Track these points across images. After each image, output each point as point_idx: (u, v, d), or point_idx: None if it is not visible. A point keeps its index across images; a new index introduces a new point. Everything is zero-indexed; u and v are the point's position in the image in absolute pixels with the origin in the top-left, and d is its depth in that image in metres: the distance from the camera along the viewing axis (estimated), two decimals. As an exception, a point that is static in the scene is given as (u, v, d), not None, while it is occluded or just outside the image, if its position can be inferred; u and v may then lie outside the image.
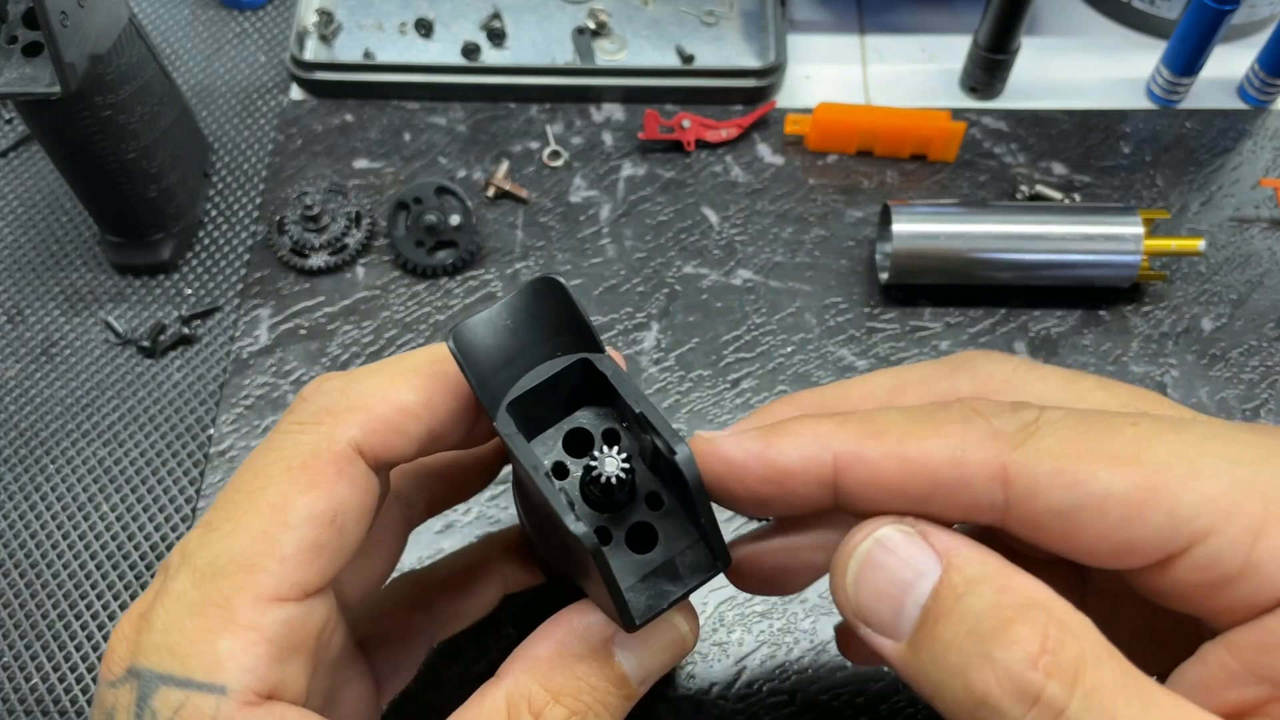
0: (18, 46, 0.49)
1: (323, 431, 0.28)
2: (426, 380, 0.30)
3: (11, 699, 0.48)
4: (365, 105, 0.67)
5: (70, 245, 0.63)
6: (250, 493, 0.28)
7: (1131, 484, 0.23)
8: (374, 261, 0.60)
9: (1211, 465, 0.23)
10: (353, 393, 0.29)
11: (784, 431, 0.27)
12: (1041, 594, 0.23)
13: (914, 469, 0.25)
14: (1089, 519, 0.24)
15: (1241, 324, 0.58)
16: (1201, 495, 0.23)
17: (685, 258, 0.61)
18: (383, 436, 0.29)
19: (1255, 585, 0.23)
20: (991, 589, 0.23)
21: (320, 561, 0.28)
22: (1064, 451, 0.24)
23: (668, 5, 0.70)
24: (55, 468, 0.55)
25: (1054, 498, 0.24)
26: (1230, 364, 0.56)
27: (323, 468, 0.28)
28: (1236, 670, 0.24)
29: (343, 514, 0.28)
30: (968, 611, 0.23)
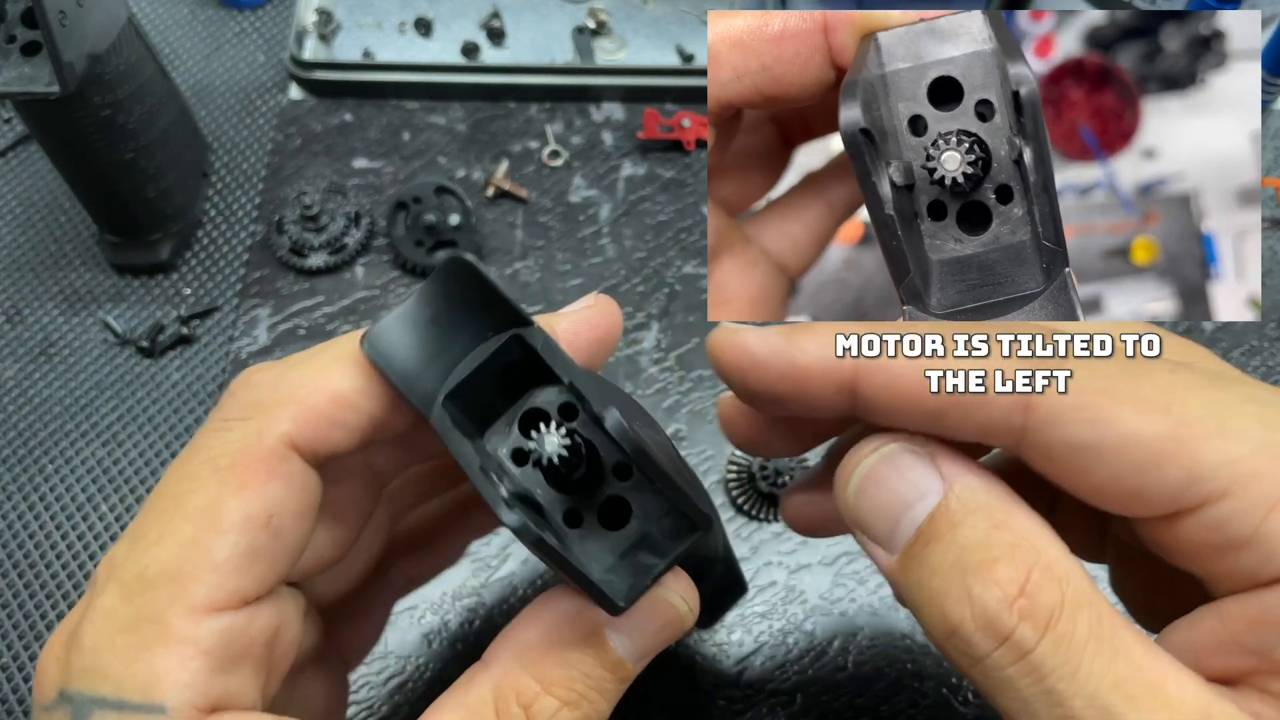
0: (16, 46, 0.49)
1: (252, 427, 0.26)
2: (364, 365, 0.27)
3: (11, 699, 0.48)
4: (364, 105, 0.67)
5: (69, 245, 0.63)
6: (177, 497, 0.26)
7: (1156, 431, 0.23)
8: (373, 261, 0.60)
9: (1242, 427, 0.23)
10: (283, 384, 0.27)
11: (809, 331, 0.27)
12: (1037, 535, 0.23)
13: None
14: (1105, 459, 0.23)
15: (1242, 324, 0.58)
16: (1225, 455, 0.22)
17: (685, 258, 0.61)
18: (318, 429, 0.27)
19: (1260, 556, 0.22)
20: (987, 522, 0.23)
21: (258, 567, 0.26)
22: (1092, 386, 0.24)
23: (668, 5, 0.70)
24: (54, 468, 0.54)
25: (1074, 431, 0.23)
26: (1231, 364, 0.56)
27: (254, 466, 0.26)
28: (1225, 639, 0.23)
29: (279, 515, 0.26)
30: (958, 541, 0.23)
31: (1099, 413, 0.23)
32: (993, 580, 0.22)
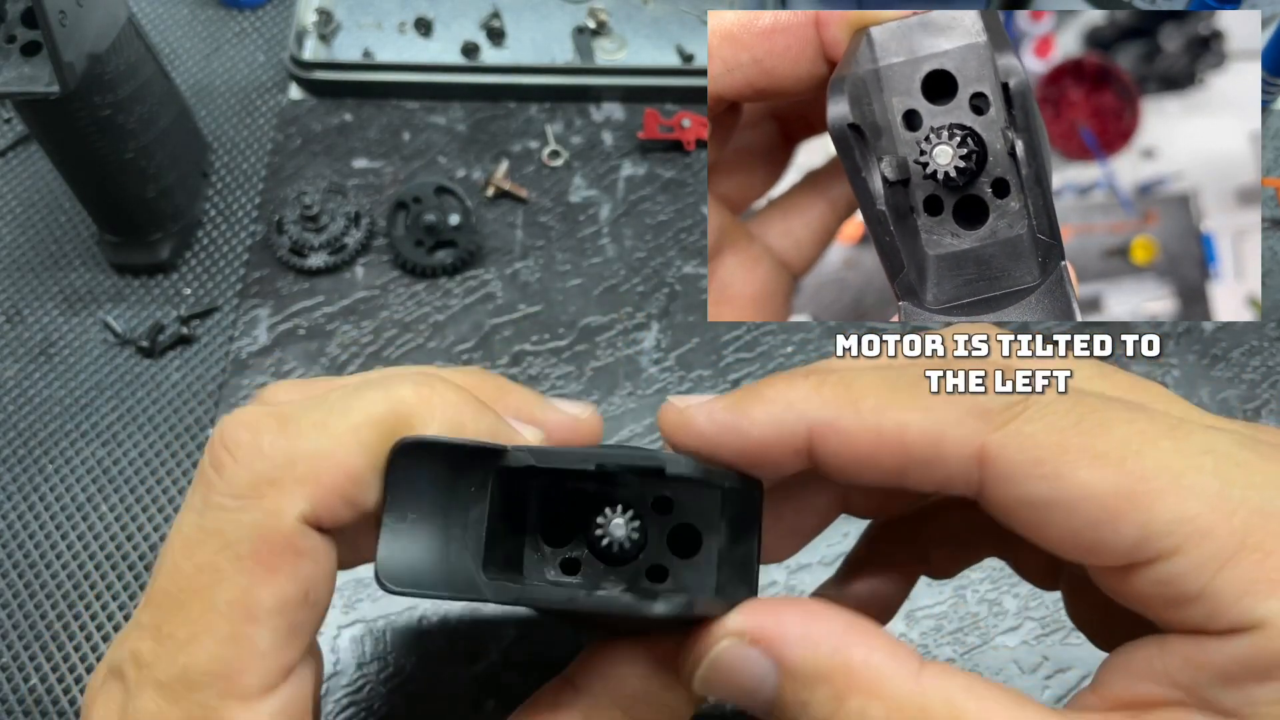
0: (16, 46, 0.49)
1: (265, 508, 0.25)
2: (382, 441, 0.26)
3: (10, 699, 0.48)
4: (364, 104, 0.67)
5: (69, 245, 0.63)
6: (199, 590, 0.25)
7: (1111, 488, 0.23)
8: (373, 261, 0.60)
9: (1198, 483, 0.23)
10: (298, 458, 0.25)
11: (757, 398, 0.26)
12: (881, 674, 0.24)
13: (889, 442, 0.25)
14: (1061, 515, 0.23)
15: (1242, 324, 0.58)
16: (1179, 512, 0.22)
17: (685, 258, 0.61)
18: (330, 508, 0.26)
19: (1209, 611, 0.22)
20: (829, 693, 0.24)
21: (300, 638, 0.26)
22: (1048, 441, 0.24)
23: (668, 5, 0.70)
24: (54, 468, 0.54)
25: (1029, 488, 0.24)
26: (1231, 364, 0.56)
27: (279, 551, 0.25)
28: (1159, 668, 0.24)
29: (313, 589, 0.26)
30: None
31: (1054, 468, 0.23)
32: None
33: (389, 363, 0.57)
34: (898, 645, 0.24)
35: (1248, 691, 0.22)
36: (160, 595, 0.25)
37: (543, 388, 0.56)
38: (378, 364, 0.57)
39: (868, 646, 0.24)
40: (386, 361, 0.57)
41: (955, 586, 0.49)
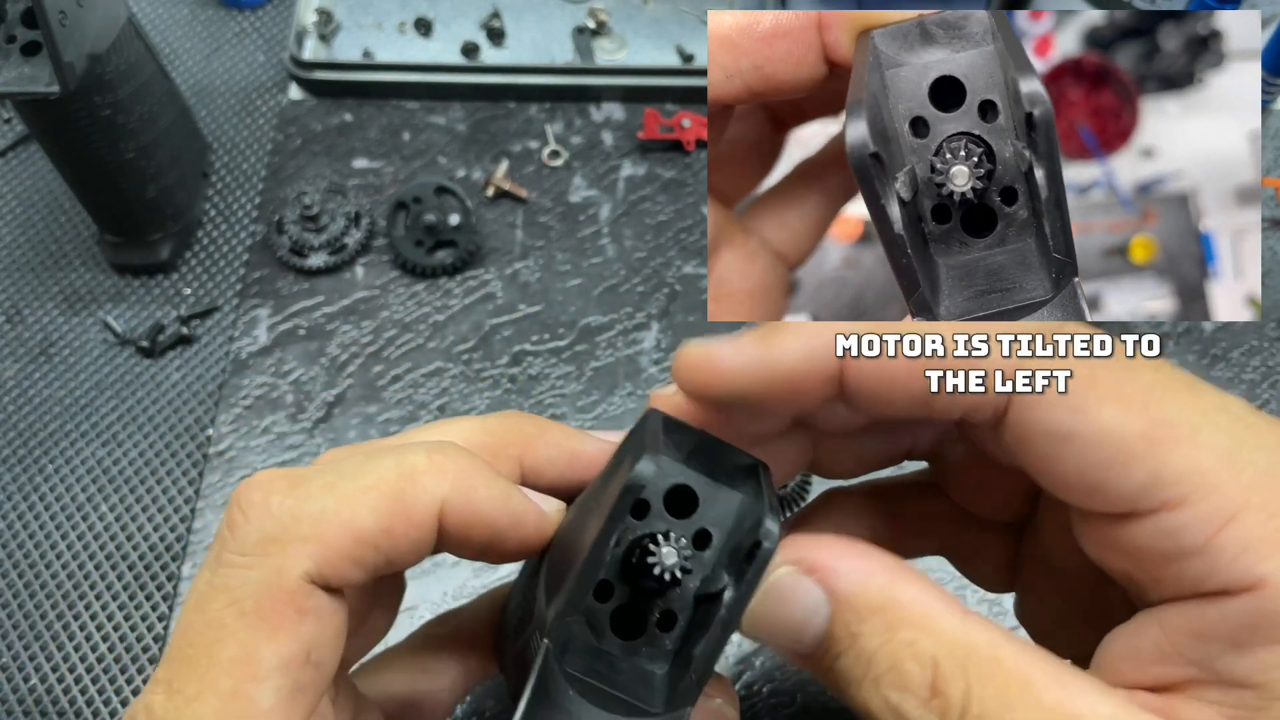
0: (16, 46, 0.49)
1: (270, 565, 0.25)
2: (389, 503, 0.26)
3: (11, 699, 0.48)
4: (364, 105, 0.67)
5: (69, 245, 0.63)
6: (207, 646, 0.25)
7: (1131, 429, 0.23)
8: (373, 261, 0.60)
9: (1212, 438, 0.23)
10: (304, 517, 0.26)
11: (785, 331, 0.26)
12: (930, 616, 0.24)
13: (920, 365, 0.25)
14: (1077, 449, 0.24)
15: (1242, 324, 0.58)
16: (1192, 463, 0.23)
17: (685, 258, 0.61)
18: (336, 568, 0.26)
19: (1207, 567, 0.23)
20: (882, 624, 0.24)
21: (305, 698, 0.26)
22: (1078, 374, 0.24)
23: (668, 5, 0.70)
24: (54, 468, 0.54)
25: (1053, 417, 0.24)
26: (1231, 364, 0.56)
27: (281, 609, 0.25)
28: (1167, 649, 0.24)
29: (316, 648, 0.26)
30: (862, 653, 0.24)
31: (1080, 400, 0.24)
32: (905, 684, 0.23)
33: (389, 363, 0.57)
34: (944, 591, 0.25)
35: (1257, 657, 0.22)
36: (174, 651, 0.26)
37: (542, 388, 0.56)
38: (378, 364, 0.57)
39: (918, 586, 0.24)
40: (386, 361, 0.57)
41: (955, 587, 0.49)
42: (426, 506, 0.27)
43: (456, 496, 0.27)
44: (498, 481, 0.28)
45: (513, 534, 0.28)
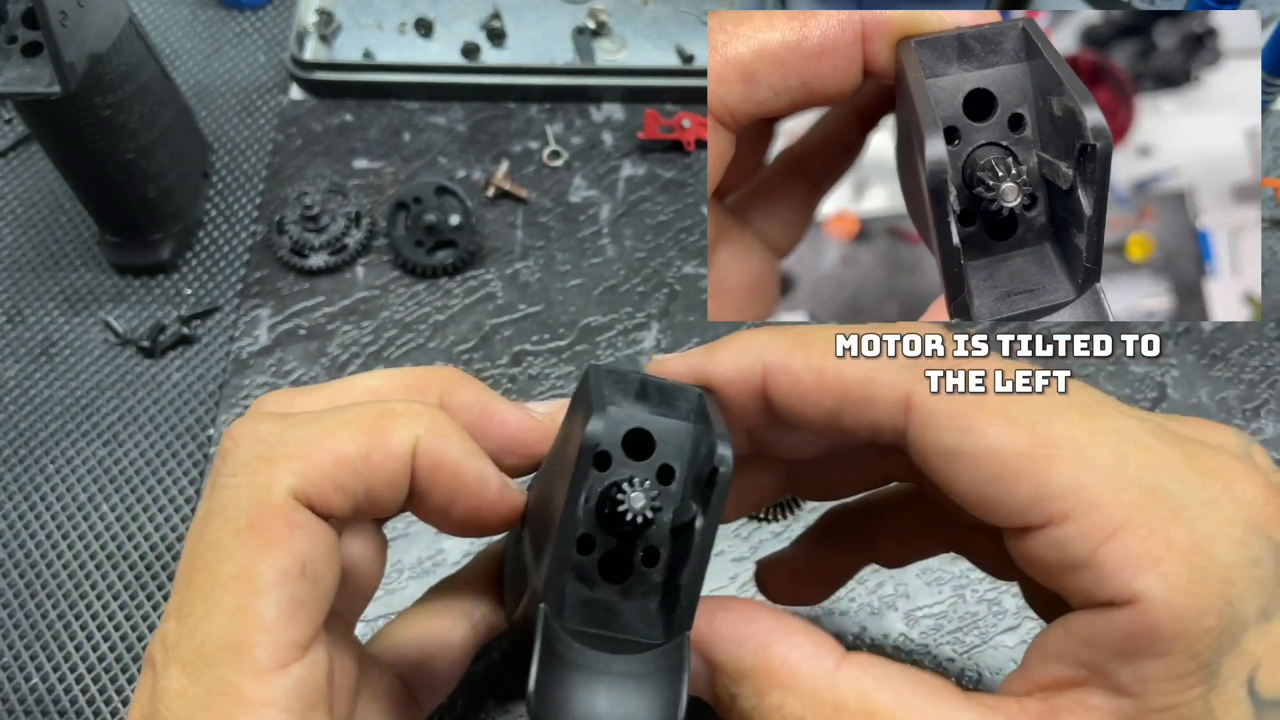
0: (17, 46, 0.49)
1: (259, 482, 0.27)
2: (369, 435, 0.28)
3: (11, 699, 0.48)
4: (365, 105, 0.67)
5: (69, 245, 0.63)
6: (209, 567, 0.26)
7: (1015, 448, 0.25)
8: (374, 261, 0.60)
9: (1096, 456, 0.24)
10: (289, 439, 0.27)
11: (724, 344, 0.29)
12: (798, 670, 0.26)
13: (830, 383, 0.27)
14: (968, 466, 0.25)
15: (1242, 324, 0.58)
16: (1073, 480, 0.24)
17: (685, 258, 0.61)
18: (319, 488, 0.27)
19: (1095, 579, 0.24)
20: (752, 689, 0.26)
21: (305, 613, 0.26)
22: (968, 396, 0.26)
23: (668, 5, 0.70)
24: (55, 468, 0.54)
25: (944, 436, 0.26)
26: (1231, 364, 0.56)
27: (271, 524, 0.26)
28: (1064, 650, 0.25)
29: (310, 562, 0.27)
30: (741, 712, 0.27)
31: (969, 421, 0.25)
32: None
33: (390, 363, 0.57)
34: (819, 642, 0.26)
35: (1137, 668, 0.24)
36: (180, 578, 0.27)
37: (543, 388, 0.56)
38: (378, 364, 0.57)
39: (789, 644, 0.26)
40: (387, 362, 0.57)
41: (955, 586, 0.49)
42: (403, 442, 0.28)
43: (430, 438, 0.29)
44: (469, 440, 0.30)
45: (478, 493, 0.29)
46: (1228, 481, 0.24)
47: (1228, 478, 0.25)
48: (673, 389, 0.28)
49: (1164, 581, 0.23)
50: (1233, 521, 0.24)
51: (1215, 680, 0.23)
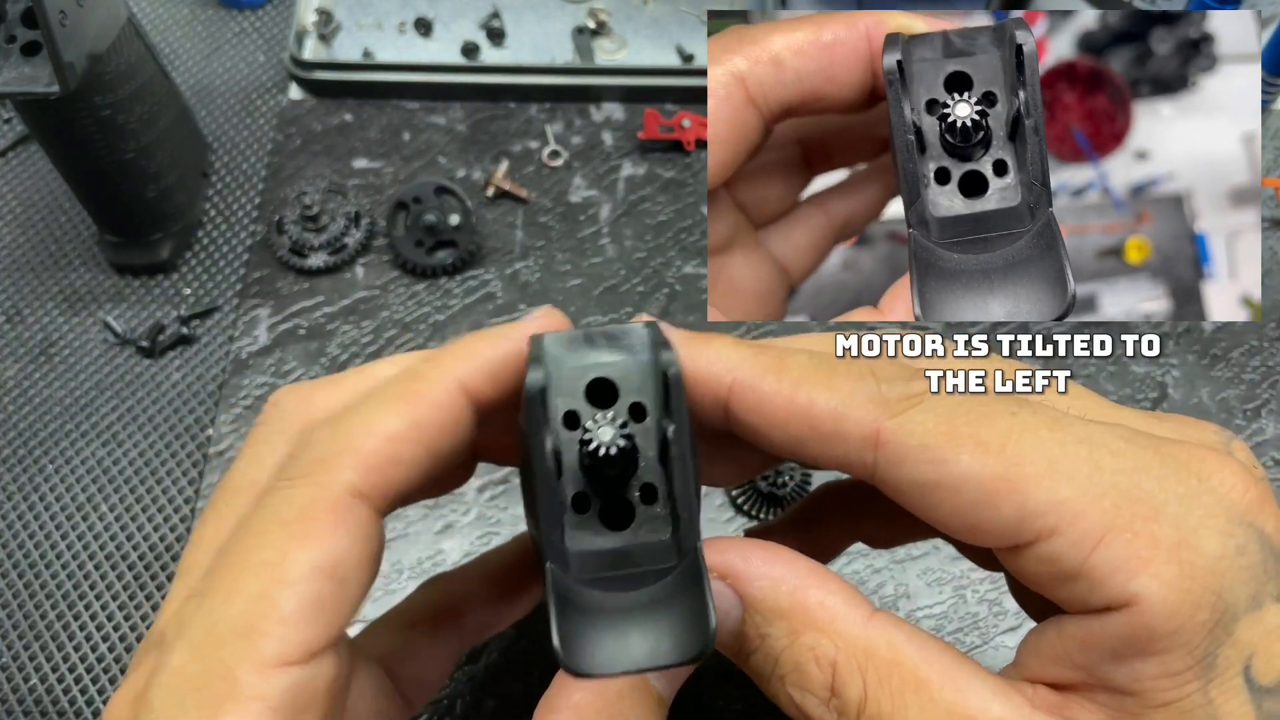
0: (16, 46, 0.49)
1: (315, 481, 0.27)
2: (409, 402, 0.28)
3: (11, 699, 0.48)
4: (364, 105, 0.67)
5: (69, 245, 0.63)
6: (243, 553, 0.26)
7: (989, 472, 0.25)
8: (373, 261, 0.60)
9: (1071, 468, 0.24)
10: (339, 435, 0.28)
11: (703, 343, 0.29)
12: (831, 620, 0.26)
13: (798, 413, 0.27)
14: (945, 496, 0.25)
15: (1242, 324, 0.58)
16: (1053, 495, 0.24)
17: (685, 258, 0.61)
18: (380, 471, 0.27)
19: (1088, 588, 0.24)
20: (786, 628, 0.26)
21: (324, 616, 0.26)
22: (935, 429, 0.26)
23: (668, 5, 0.70)
24: (54, 468, 0.55)
25: (917, 470, 0.26)
26: (1231, 364, 0.56)
27: (319, 518, 0.26)
28: (1060, 653, 0.25)
29: (344, 564, 0.27)
30: (769, 652, 0.27)
31: (940, 454, 0.25)
32: (806, 688, 0.26)
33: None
34: (853, 592, 0.27)
35: (1134, 668, 0.24)
36: (215, 565, 0.27)
37: (542, 388, 0.56)
38: (377, 364, 0.57)
39: (824, 589, 0.26)
40: (386, 361, 0.57)
41: (955, 586, 0.49)
42: (445, 390, 0.29)
43: (469, 364, 0.29)
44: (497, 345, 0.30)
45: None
46: (1203, 474, 0.25)
47: (1202, 470, 0.25)
48: (619, 332, 0.28)
49: (1156, 580, 0.23)
50: (1214, 513, 0.24)
51: (1213, 672, 0.24)
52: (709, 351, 0.29)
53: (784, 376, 0.28)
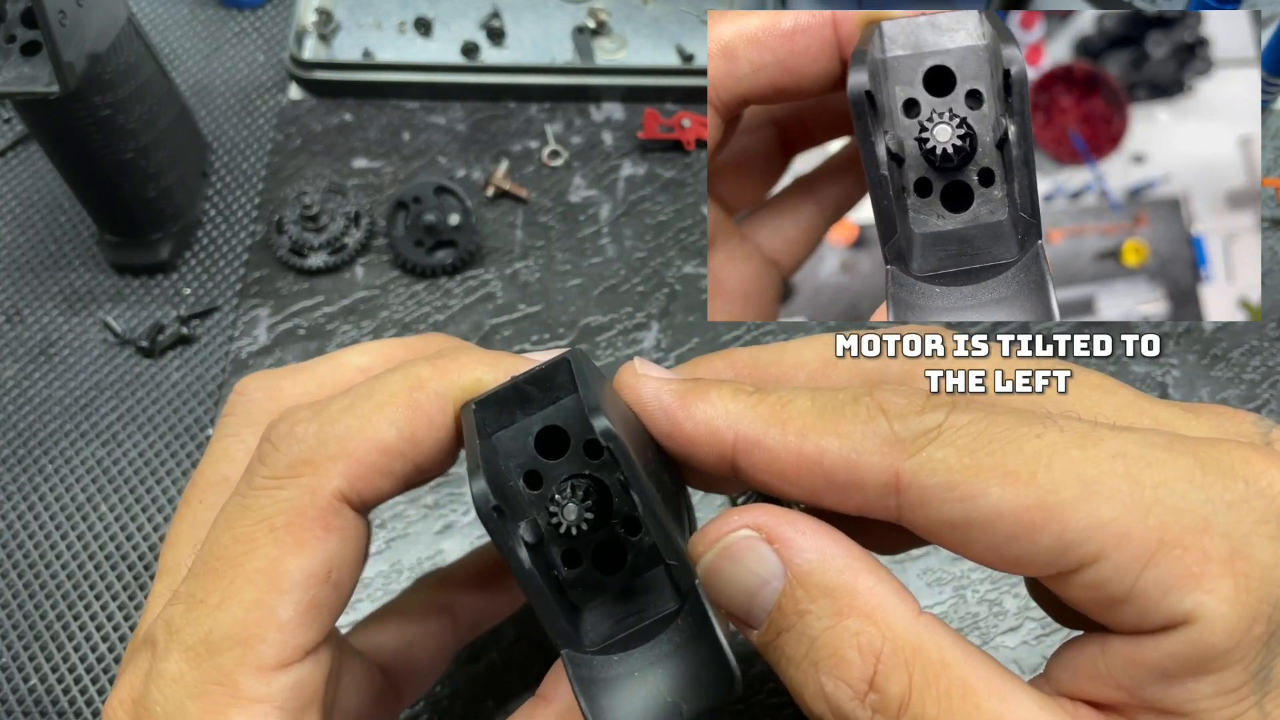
0: (16, 46, 0.49)
1: (303, 485, 0.27)
2: (407, 412, 0.28)
3: (10, 699, 0.48)
4: (364, 104, 0.67)
5: (68, 245, 0.63)
6: (233, 559, 0.26)
7: (1022, 504, 0.23)
8: (373, 261, 0.60)
9: (1110, 487, 0.23)
10: (330, 437, 0.27)
11: (700, 396, 0.27)
12: (881, 608, 0.24)
13: (809, 465, 0.26)
14: (980, 533, 0.24)
15: (1242, 324, 0.58)
16: (1094, 519, 0.23)
17: (685, 258, 0.61)
18: (368, 481, 0.27)
19: (1140, 610, 0.23)
20: (831, 608, 0.24)
21: (320, 619, 0.27)
22: (959, 464, 0.24)
23: (668, 5, 0.70)
24: (54, 468, 0.55)
25: (945, 510, 0.24)
26: (1231, 364, 0.56)
27: (309, 525, 0.26)
28: (1103, 670, 0.24)
29: (337, 568, 0.27)
30: (806, 632, 0.24)
31: (967, 490, 0.24)
32: (842, 674, 0.24)
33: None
34: (902, 587, 0.25)
35: (1187, 688, 0.23)
36: (199, 566, 0.27)
37: (542, 388, 0.56)
38: (377, 364, 0.57)
39: (876, 577, 0.25)
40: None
41: (956, 587, 0.49)
42: (441, 408, 0.28)
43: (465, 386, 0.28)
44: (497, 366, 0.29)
45: None
46: (1249, 477, 0.23)
47: (1248, 473, 0.23)
48: (543, 374, 0.27)
49: (1212, 597, 0.22)
50: (1265, 518, 0.23)
51: (1268, 685, 0.23)
52: (705, 408, 0.27)
53: (788, 427, 0.26)
